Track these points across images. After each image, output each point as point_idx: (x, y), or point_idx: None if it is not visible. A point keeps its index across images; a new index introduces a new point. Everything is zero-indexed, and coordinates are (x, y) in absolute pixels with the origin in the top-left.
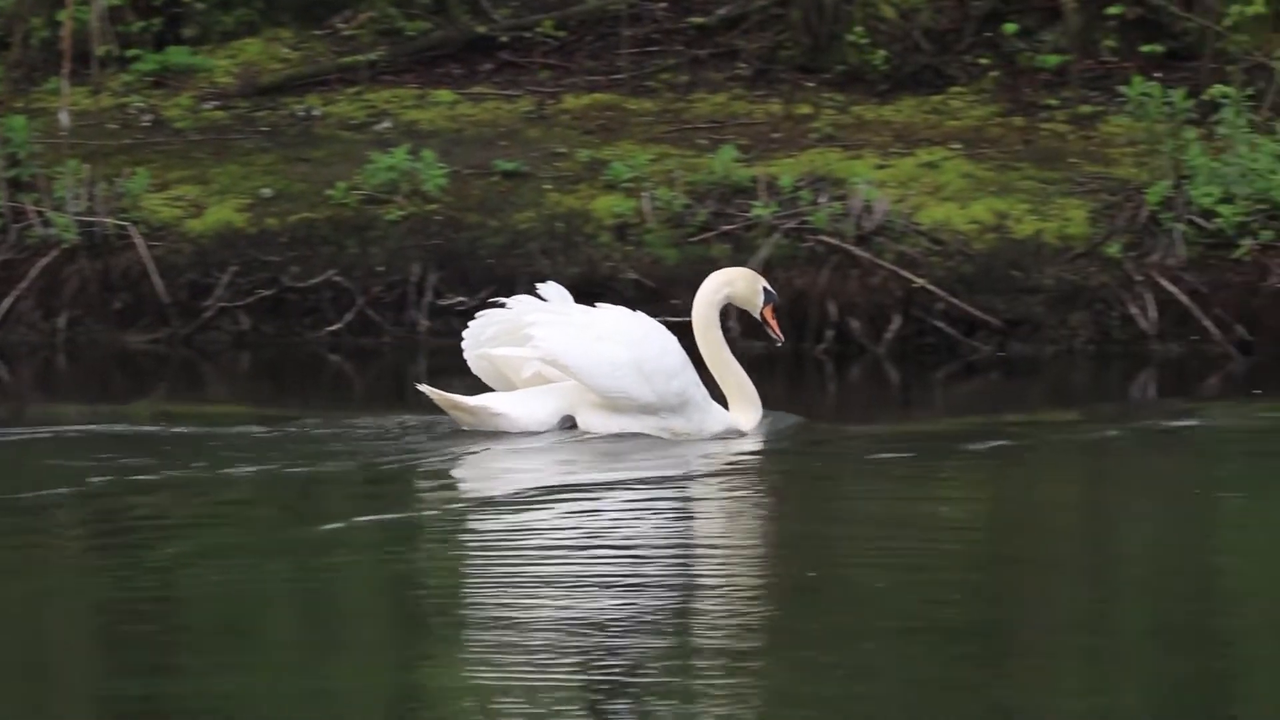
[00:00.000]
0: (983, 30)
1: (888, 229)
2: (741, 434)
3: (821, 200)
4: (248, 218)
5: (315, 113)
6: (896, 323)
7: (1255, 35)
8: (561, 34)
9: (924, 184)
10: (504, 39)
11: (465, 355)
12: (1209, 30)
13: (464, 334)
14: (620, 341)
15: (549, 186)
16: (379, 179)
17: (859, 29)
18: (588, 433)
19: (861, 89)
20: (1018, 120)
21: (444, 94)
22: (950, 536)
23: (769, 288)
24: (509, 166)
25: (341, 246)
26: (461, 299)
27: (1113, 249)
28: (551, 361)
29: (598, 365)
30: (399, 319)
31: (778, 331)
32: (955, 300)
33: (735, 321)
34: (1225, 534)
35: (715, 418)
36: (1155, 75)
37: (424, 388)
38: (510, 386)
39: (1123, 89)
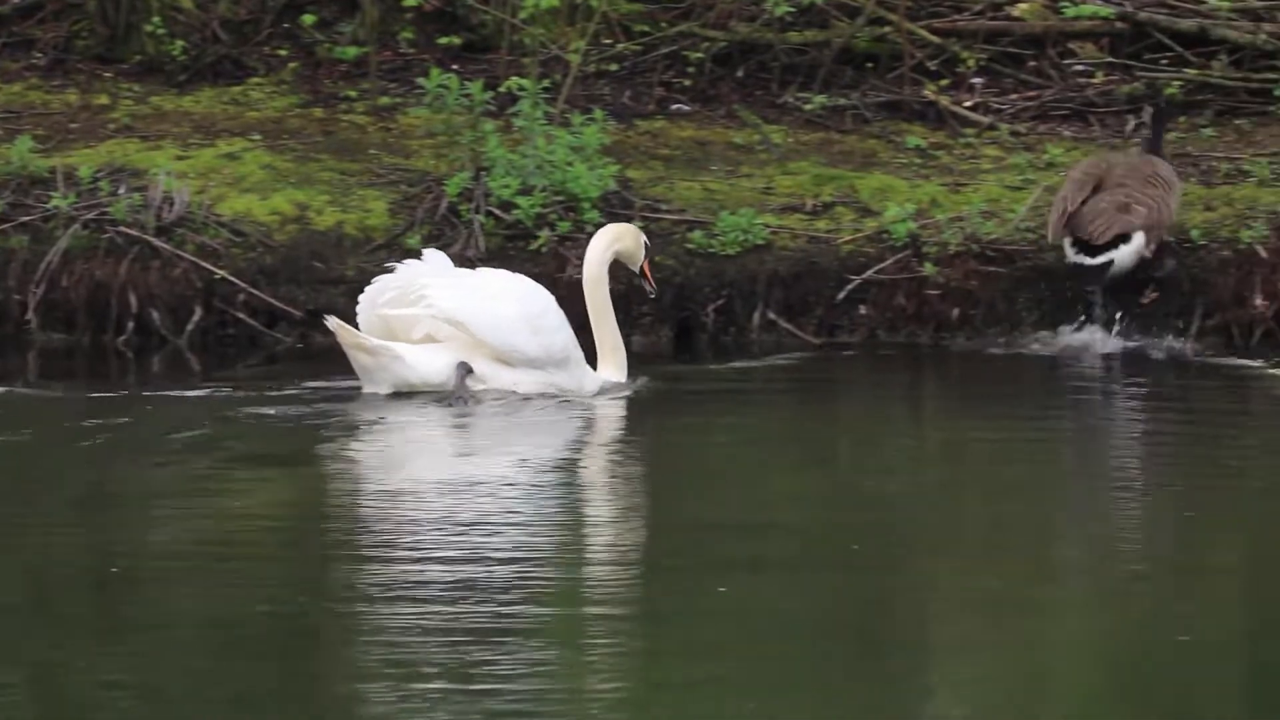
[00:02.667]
0: (281, 21)
1: (188, 220)
2: (616, 385)
3: (121, 191)
4: None
5: None
6: (198, 314)
7: (550, 28)
8: None
9: (225, 175)
10: None
11: (359, 317)
12: (505, 23)
13: (360, 297)
14: (509, 299)
15: None
16: None
17: (156, 19)
18: (483, 381)
19: (160, 79)
20: (317, 112)
21: None
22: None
23: (648, 242)
24: None
25: None
26: None
27: (413, 240)
28: (449, 319)
29: (491, 321)
30: None
31: (653, 283)
32: (256, 291)
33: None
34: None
35: (591, 377)
36: (453, 67)
37: (331, 321)
38: None
39: (421, 81)
